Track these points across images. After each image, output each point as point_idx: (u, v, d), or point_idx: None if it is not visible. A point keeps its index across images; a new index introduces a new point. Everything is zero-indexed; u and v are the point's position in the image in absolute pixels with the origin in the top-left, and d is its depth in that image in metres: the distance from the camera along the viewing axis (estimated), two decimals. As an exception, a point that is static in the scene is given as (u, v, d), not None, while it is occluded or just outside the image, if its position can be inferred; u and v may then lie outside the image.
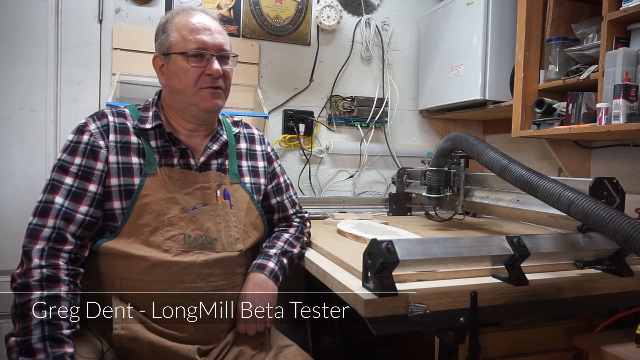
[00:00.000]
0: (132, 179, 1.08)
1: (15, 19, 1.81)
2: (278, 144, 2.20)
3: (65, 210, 1.01)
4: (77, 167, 1.05)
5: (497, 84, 1.91)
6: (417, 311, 0.89)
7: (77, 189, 1.04)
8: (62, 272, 0.97)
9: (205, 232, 1.09)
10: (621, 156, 1.73)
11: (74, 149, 1.07)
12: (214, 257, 1.09)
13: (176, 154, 1.15)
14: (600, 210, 0.94)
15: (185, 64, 1.11)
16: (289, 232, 1.31)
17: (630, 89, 1.32)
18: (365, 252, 0.93)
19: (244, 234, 1.18)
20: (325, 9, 2.18)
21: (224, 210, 1.14)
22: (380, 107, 2.30)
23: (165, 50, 1.14)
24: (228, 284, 1.12)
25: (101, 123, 1.11)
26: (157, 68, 1.18)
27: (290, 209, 1.36)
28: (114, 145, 1.09)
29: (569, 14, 1.68)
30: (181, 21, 1.14)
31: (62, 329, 0.92)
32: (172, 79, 1.14)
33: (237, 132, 1.29)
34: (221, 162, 1.21)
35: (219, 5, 2.08)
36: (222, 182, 1.17)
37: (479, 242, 1.02)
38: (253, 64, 2.12)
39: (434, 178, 1.65)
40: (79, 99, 1.90)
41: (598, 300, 1.08)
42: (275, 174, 1.34)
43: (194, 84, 1.12)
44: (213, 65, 1.12)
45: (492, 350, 1.13)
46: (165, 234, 1.05)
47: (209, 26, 1.14)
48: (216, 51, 1.13)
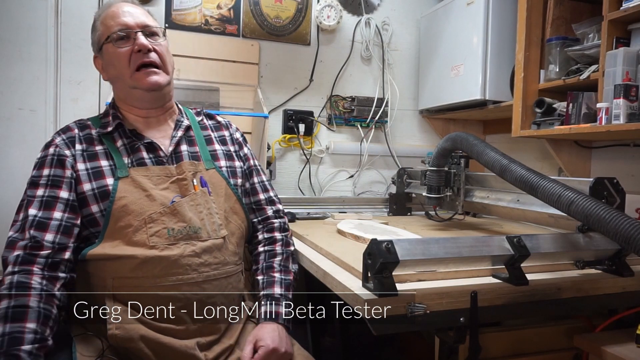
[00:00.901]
0: (104, 180, 1.08)
1: (15, 19, 1.81)
2: (278, 144, 2.20)
3: (39, 219, 1.02)
4: (47, 177, 1.07)
5: (497, 84, 1.92)
6: (417, 311, 0.89)
7: (49, 197, 1.05)
8: (36, 277, 0.96)
9: (188, 222, 1.09)
10: (621, 156, 1.73)
11: (42, 163, 1.09)
12: (202, 246, 1.09)
13: (142, 147, 1.15)
14: (601, 210, 0.94)
15: (114, 49, 1.13)
16: (276, 257, 1.25)
17: (631, 89, 1.32)
18: (365, 252, 0.93)
19: (225, 220, 1.17)
20: (325, 9, 2.18)
21: (203, 198, 1.14)
22: (380, 107, 2.30)
23: (98, 46, 1.17)
24: (220, 274, 1.11)
25: (66, 135, 1.13)
26: (99, 68, 1.21)
27: (264, 199, 1.32)
28: (81, 153, 1.11)
29: (569, 14, 1.68)
30: (103, 14, 1.17)
31: (23, 344, 0.89)
32: (109, 69, 1.16)
33: (200, 120, 1.30)
34: (191, 150, 1.21)
35: (219, 5, 2.08)
36: (197, 170, 1.17)
37: (479, 242, 1.02)
38: (253, 64, 2.12)
39: (434, 178, 1.65)
40: (79, 99, 1.90)
41: (598, 300, 1.08)
42: (246, 158, 1.33)
43: (128, 65, 1.12)
44: (139, 40, 1.12)
45: (492, 350, 1.13)
46: (149, 230, 1.05)
47: (128, 10, 1.16)
48: (140, 28, 1.14)
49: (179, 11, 2.04)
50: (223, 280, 1.12)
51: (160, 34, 1.18)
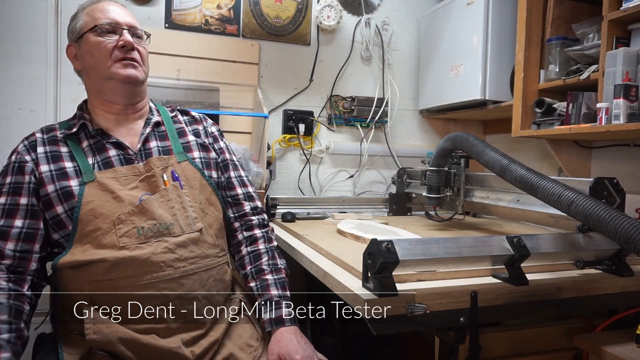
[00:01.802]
0: (68, 182, 1.08)
1: (15, 19, 1.81)
2: (278, 144, 2.20)
3: (1, 228, 1.04)
4: (8, 185, 1.07)
5: (497, 84, 1.91)
6: (417, 311, 0.89)
7: (10, 206, 1.06)
8: (2, 281, 0.99)
9: (158, 219, 1.07)
10: (621, 156, 1.73)
11: (5, 171, 1.10)
12: (175, 242, 1.07)
13: (109, 146, 1.14)
14: (601, 210, 0.94)
15: (97, 38, 1.13)
16: (262, 257, 1.22)
17: (631, 89, 1.32)
18: (365, 252, 0.93)
19: (201, 212, 1.16)
20: (325, 9, 2.18)
21: (175, 193, 1.12)
22: (380, 107, 2.30)
23: (77, 34, 1.16)
24: (199, 267, 1.09)
25: (28, 141, 1.13)
26: (71, 57, 1.20)
27: (241, 193, 1.29)
28: (44, 156, 1.10)
29: (569, 14, 1.68)
30: (90, 7, 1.17)
31: (1, 334, 0.94)
32: (86, 57, 1.15)
33: (174, 115, 1.29)
34: (162, 144, 1.20)
35: (219, 5, 2.08)
36: (167, 165, 1.15)
37: (479, 242, 1.02)
38: (253, 64, 2.12)
39: (434, 178, 1.65)
40: (78, 98, 1.86)
41: (598, 300, 1.08)
42: (222, 151, 1.31)
43: (108, 57, 1.12)
44: (125, 36, 1.13)
45: (492, 350, 1.13)
46: (118, 232, 1.04)
47: (117, 9, 1.18)
48: (127, 27, 1.15)
49: (179, 11, 2.04)
50: (203, 273, 1.10)
51: (144, 38, 1.20)
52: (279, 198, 2.02)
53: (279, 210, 1.93)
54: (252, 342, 1.12)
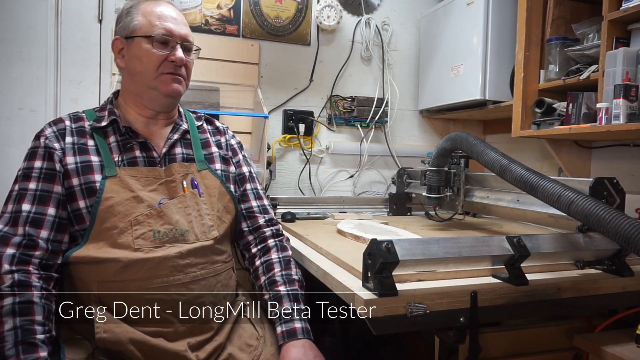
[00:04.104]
0: (92, 176, 1.07)
1: (15, 19, 1.81)
2: (278, 144, 2.20)
3: (34, 215, 1.01)
4: (39, 170, 1.05)
5: (497, 84, 1.91)
6: (417, 311, 0.89)
7: (42, 192, 1.03)
8: (34, 276, 0.97)
9: (174, 225, 1.07)
10: (621, 156, 1.73)
11: (33, 155, 1.07)
12: (188, 248, 1.07)
13: (136, 146, 1.14)
14: (601, 210, 0.94)
15: (149, 47, 1.12)
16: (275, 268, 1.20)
17: (631, 89, 1.32)
18: (365, 252, 0.93)
19: (218, 220, 1.16)
20: (325, 9, 2.18)
21: (193, 200, 1.12)
22: (380, 107, 2.30)
23: (129, 33, 1.14)
24: (208, 273, 1.10)
25: (57, 127, 1.11)
26: (115, 51, 1.18)
27: (256, 206, 1.29)
28: (71, 147, 1.09)
29: (569, 14, 1.68)
30: (147, 7, 1.15)
31: (36, 334, 0.91)
32: (133, 61, 1.13)
33: (200, 125, 1.29)
34: (186, 152, 1.20)
35: (219, 5, 2.08)
36: (188, 172, 1.16)
37: (479, 242, 1.02)
38: (253, 64, 2.12)
39: (434, 178, 1.65)
40: (78, 98, 1.90)
41: (598, 300, 1.08)
42: (239, 165, 1.31)
43: (156, 68, 1.12)
44: (177, 52, 1.13)
45: (492, 350, 1.13)
46: (134, 233, 1.03)
47: (175, 17, 1.17)
48: (181, 40, 1.15)
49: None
50: (211, 279, 1.10)
51: (192, 50, 1.21)
52: (279, 198, 2.02)
53: (279, 211, 1.93)
54: (252, 341, 1.12)
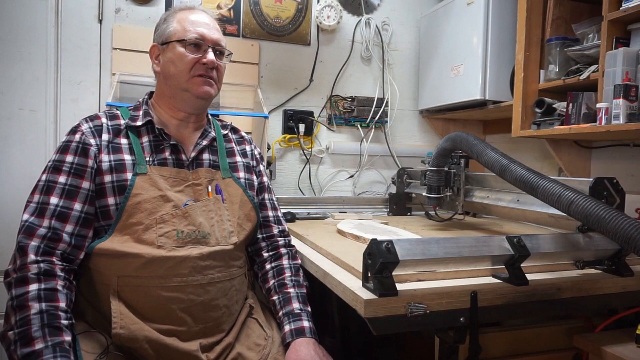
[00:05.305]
0: (124, 174, 1.09)
1: (15, 19, 1.81)
2: (278, 144, 2.20)
3: (61, 209, 1.03)
4: (70, 165, 1.07)
5: (497, 84, 1.92)
6: (417, 311, 0.89)
7: (71, 187, 1.06)
8: (58, 267, 0.99)
9: (198, 227, 1.10)
10: (621, 156, 1.73)
11: (66, 148, 1.09)
12: (209, 251, 1.09)
13: (167, 148, 1.17)
14: (601, 210, 0.94)
15: (182, 50, 1.16)
16: (286, 273, 1.25)
17: (631, 89, 1.32)
18: (365, 252, 0.93)
19: (238, 227, 1.19)
20: (325, 9, 2.18)
21: (216, 205, 1.16)
22: (380, 107, 2.30)
23: (165, 39, 1.19)
24: (225, 276, 1.13)
25: (94, 124, 1.14)
26: (152, 57, 1.23)
27: (272, 216, 1.34)
28: (106, 144, 1.12)
29: (569, 14, 1.68)
30: (182, 15, 1.21)
31: (61, 319, 0.94)
32: (168, 65, 1.18)
33: (225, 133, 1.33)
34: (213, 158, 1.23)
35: (219, 5, 2.08)
36: (213, 178, 1.19)
37: (479, 242, 1.02)
38: (253, 64, 2.12)
39: (434, 178, 1.65)
40: (78, 99, 1.90)
41: (598, 300, 1.08)
42: (260, 174, 1.36)
43: (188, 71, 1.16)
44: (208, 55, 1.18)
45: (492, 350, 1.13)
46: (159, 230, 1.06)
47: (208, 23, 1.22)
48: (212, 44, 1.20)
49: (179, 11, 2.03)
50: (227, 282, 1.13)
51: (224, 55, 1.25)
52: (279, 198, 2.01)
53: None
54: (260, 341, 1.15)
